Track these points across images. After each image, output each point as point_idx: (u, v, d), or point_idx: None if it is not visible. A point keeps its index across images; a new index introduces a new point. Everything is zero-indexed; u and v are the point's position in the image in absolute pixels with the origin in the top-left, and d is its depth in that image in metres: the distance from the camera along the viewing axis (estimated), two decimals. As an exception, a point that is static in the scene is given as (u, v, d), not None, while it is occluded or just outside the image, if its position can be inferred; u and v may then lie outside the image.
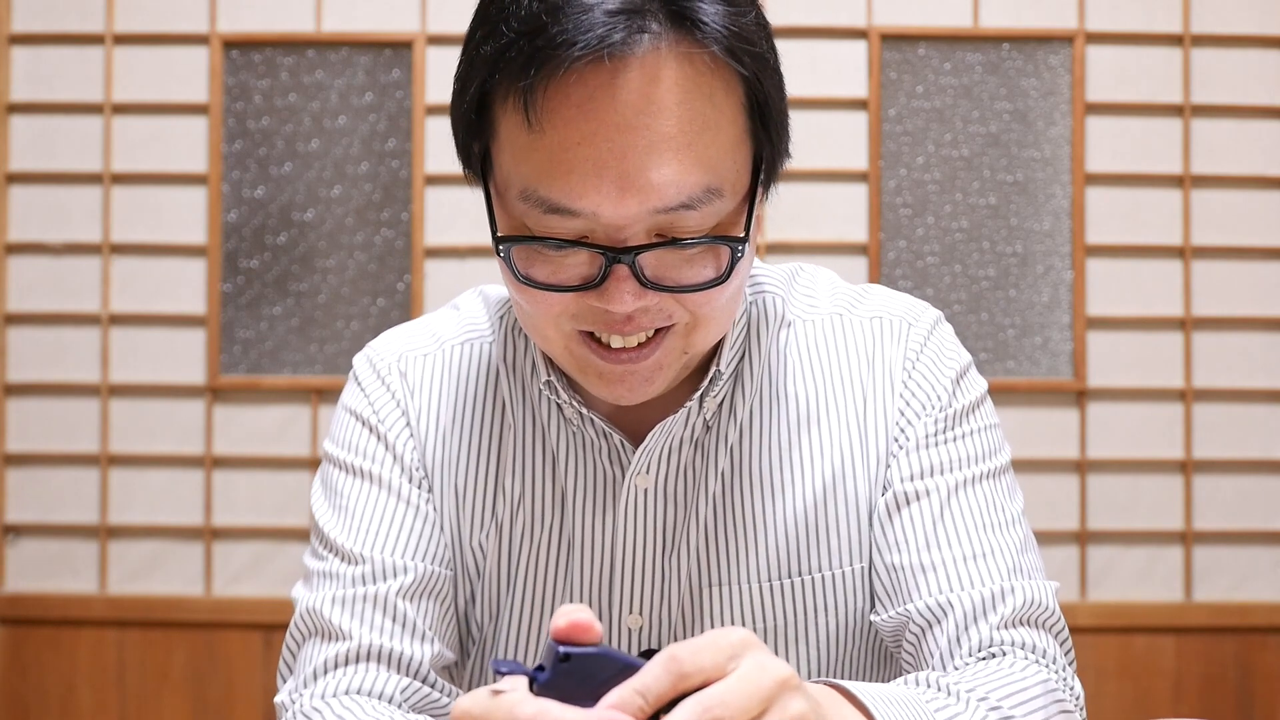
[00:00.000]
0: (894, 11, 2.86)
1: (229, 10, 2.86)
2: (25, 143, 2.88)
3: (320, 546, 1.04)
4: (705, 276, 0.89)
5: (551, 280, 0.90)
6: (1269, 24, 2.85)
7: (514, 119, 0.88)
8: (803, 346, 1.06)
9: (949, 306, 2.82)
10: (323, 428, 2.84)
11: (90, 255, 2.87)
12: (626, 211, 0.86)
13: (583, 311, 0.91)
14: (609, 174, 0.85)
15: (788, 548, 1.02)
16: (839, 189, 2.84)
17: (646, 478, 1.02)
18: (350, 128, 2.87)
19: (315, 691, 0.97)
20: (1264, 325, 2.85)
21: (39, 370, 2.87)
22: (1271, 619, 2.80)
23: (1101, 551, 2.82)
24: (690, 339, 0.93)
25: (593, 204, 0.86)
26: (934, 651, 0.95)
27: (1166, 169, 2.85)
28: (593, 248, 0.87)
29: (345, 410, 1.09)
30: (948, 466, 1.01)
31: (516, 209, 0.91)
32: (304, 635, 1.01)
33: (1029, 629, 0.95)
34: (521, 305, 0.94)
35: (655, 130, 0.85)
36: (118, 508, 2.85)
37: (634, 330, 0.90)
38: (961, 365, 1.05)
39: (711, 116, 0.87)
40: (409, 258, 2.85)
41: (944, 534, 0.98)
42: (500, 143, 0.91)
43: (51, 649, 2.84)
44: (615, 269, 0.87)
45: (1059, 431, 2.83)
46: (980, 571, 0.96)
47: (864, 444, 1.03)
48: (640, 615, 1.03)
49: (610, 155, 0.85)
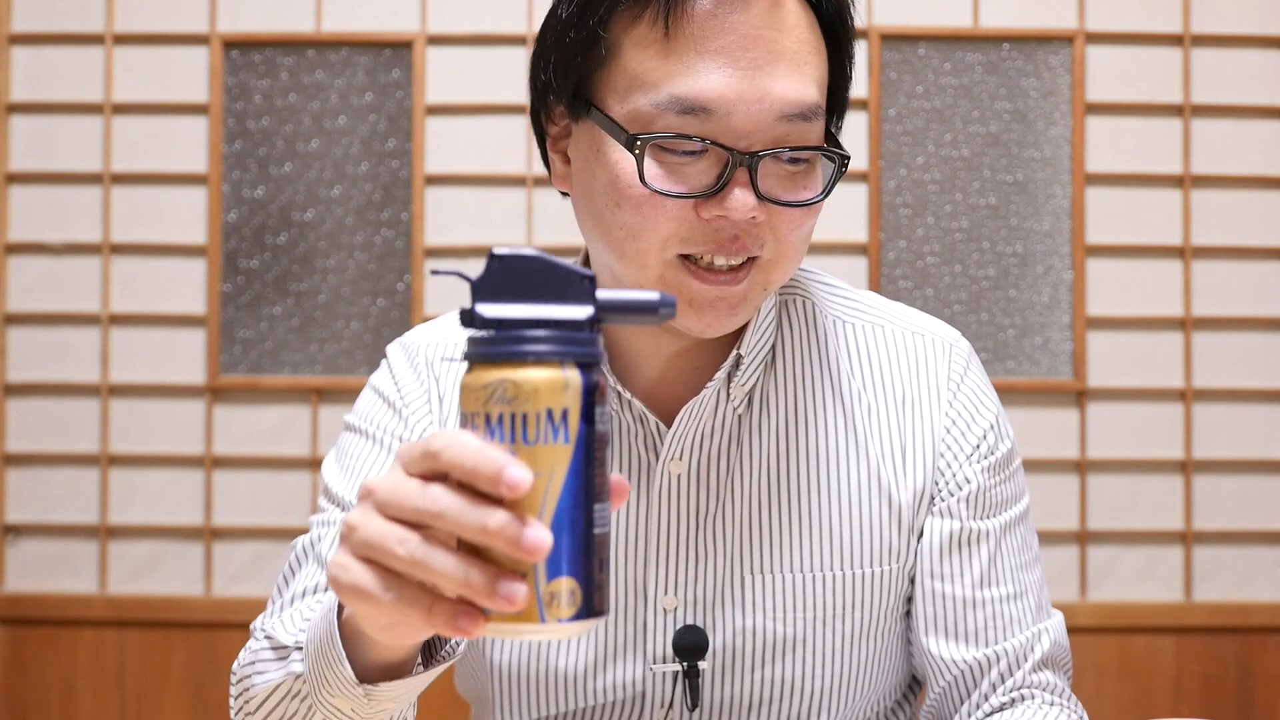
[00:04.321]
0: (894, 11, 2.86)
1: (229, 10, 2.86)
2: (25, 143, 2.88)
3: (324, 500, 1.10)
4: (806, 196, 0.97)
5: (672, 188, 0.94)
6: (1269, 24, 2.85)
7: (646, 31, 0.95)
8: (852, 345, 1.11)
9: (949, 306, 2.82)
10: (323, 428, 2.84)
11: (90, 255, 2.87)
12: (755, 111, 0.93)
13: (694, 232, 0.95)
14: (740, 75, 0.93)
15: (830, 540, 1.05)
16: (839, 189, 2.83)
17: (679, 463, 1.05)
18: (350, 128, 2.87)
19: (287, 614, 1.01)
20: (1264, 325, 2.85)
21: (39, 370, 2.87)
22: (1271, 619, 2.80)
23: (1101, 551, 2.82)
24: (770, 274, 0.99)
25: (726, 103, 0.93)
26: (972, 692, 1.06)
27: (1166, 169, 2.85)
28: (721, 147, 0.93)
29: (371, 388, 1.14)
30: (1000, 508, 1.09)
31: (645, 114, 0.95)
32: (294, 569, 1.07)
33: (1050, 671, 1.07)
34: (630, 226, 0.96)
35: (780, 44, 0.94)
36: (118, 508, 2.85)
37: (739, 251, 0.96)
38: (998, 403, 1.13)
39: (816, 45, 0.98)
40: (409, 258, 2.85)
41: (995, 573, 1.07)
42: (623, 58, 0.96)
43: (51, 649, 2.84)
44: (737, 174, 0.93)
45: (1059, 431, 2.83)
46: (1017, 612, 1.07)
47: (906, 450, 1.07)
48: (675, 596, 1.05)
49: (742, 59, 0.93)
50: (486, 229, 2.85)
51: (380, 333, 2.85)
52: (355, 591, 0.68)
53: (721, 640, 1.05)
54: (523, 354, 0.65)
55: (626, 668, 1.06)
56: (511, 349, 0.66)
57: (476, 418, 0.66)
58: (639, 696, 1.06)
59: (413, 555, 0.65)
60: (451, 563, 0.65)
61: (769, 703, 1.06)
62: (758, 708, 1.06)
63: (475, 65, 2.86)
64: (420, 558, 0.65)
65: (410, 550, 0.66)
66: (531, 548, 0.63)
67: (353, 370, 2.84)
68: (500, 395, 0.65)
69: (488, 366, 0.66)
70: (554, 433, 0.65)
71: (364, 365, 2.85)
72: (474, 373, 0.67)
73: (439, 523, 0.65)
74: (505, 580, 0.64)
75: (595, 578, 0.66)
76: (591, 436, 0.66)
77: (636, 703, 1.07)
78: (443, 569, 0.65)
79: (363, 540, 0.67)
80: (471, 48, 2.86)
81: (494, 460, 0.63)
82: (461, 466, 0.64)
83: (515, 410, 0.65)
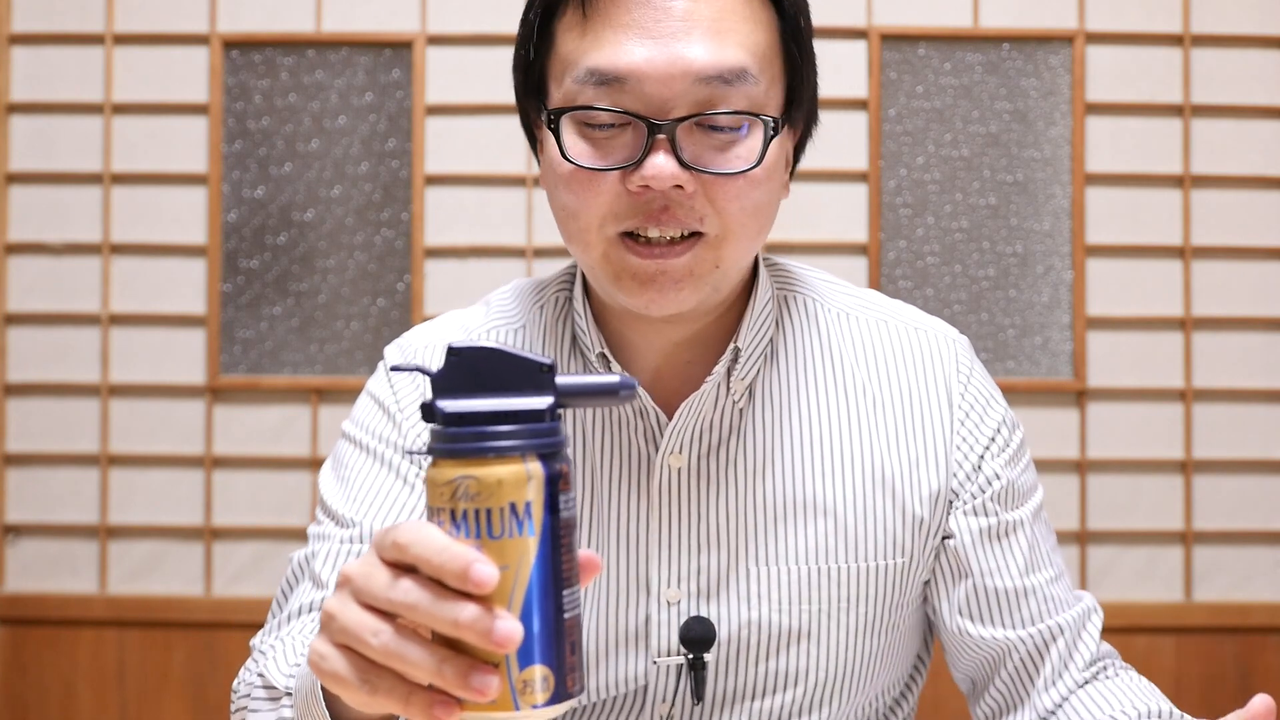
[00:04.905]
0: (894, 11, 2.86)
1: (229, 10, 2.86)
2: (25, 143, 2.88)
3: (321, 513, 1.10)
4: (739, 165, 0.96)
5: (596, 163, 0.96)
6: (1269, 24, 2.85)
7: (570, 15, 0.98)
8: (855, 337, 1.11)
9: (949, 306, 2.82)
10: (323, 428, 2.84)
11: (90, 255, 2.87)
12: (667, 77, 0.94)
13: (624, 206, 0.96)
14: (653, 44, 0.94)
15: (834, 532, 1.06)
16: (839, 189, 2.84)
17: (679, 457, 1.05)
18: (350, 128, 2.87)
19: (283, 632, 1.02)
20: (1264, 325, 2.85)
21: (39, 370, 2.87)
22: (1271, 619, 2.80)
23: (1101, 551, 2.82)
24: (720, 251, 0.99)
25: (638, 71, 0.94)
26: (1051, 663, 1.09)
27: (1166, 169, 2.85)
28: (636, 117, 0.94)
29: (368, 394, 1.15)
30: (1025, 496, 1.12)
31: (569, 92, 0.97)
32: (291, 585, 1.08)
33: (1105, 642, 1.14)
34: (569, 206, 0.98)
35: (695, 13, 0.95)
36: (118, 508, 2.85)
37: (670, 222, 0.96)
38: (1003, 397, 1.15)
39: (746, 14, 0.97)
40: (409, 258, 2.85)
41: (1037, 559, 1.11)
42: (557, 47, 0.99)
43: (51, 649, 2.84)
44: (656, 141, 0.94)
45: (1059, 431, 2.83)
46: (1062, 591, 1.11)
47: (913, 444, 1.08)
48: (679, 588, 1.06)
49: (655, 28, 0.95)
50: (486, 229, 2.85)
51: (380, 333, 2.85)
52: (334, 680, 0.69)
53: (726, 632, 1.05)
54: (483, 450, 0.66)
55: (629, 662, 1.06)
56: (472, 445, 0.66)
57: (442, 513, 0.67)
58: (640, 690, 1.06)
59: (386, 647, 0.67)
60: (424, 655, 0.66)
61: (772, 694, 1.06)
62: (760, 699, 1.06)
63: (475, 65, 2.86)
64: (394, 649, 0.67)
65: (384, 642, 0.67)
66: (503, 640, 0.64)
67: (353, 370, 2.84)
68: (464, 491, 0.66)
69: (450, 463, 0.67)
70: (518, 526, 0.66)
71: (364, 365, 2.85)
72: (437, 468, 0.67)
73: (411, 614, 0.66)
74: (477, 673, 0.65)
75: (567, 661, 0.68)
76: (557, 525, 0.67)
77: (638, 697, 1.07)
78: (415, 661, 0.66)
79: (340, 629, 0.68)
80: (471, 48, 2.86)
81: (460, 558, 0.64)
82: (429, 563, 0.66)
83: (479, 506, 0.66)
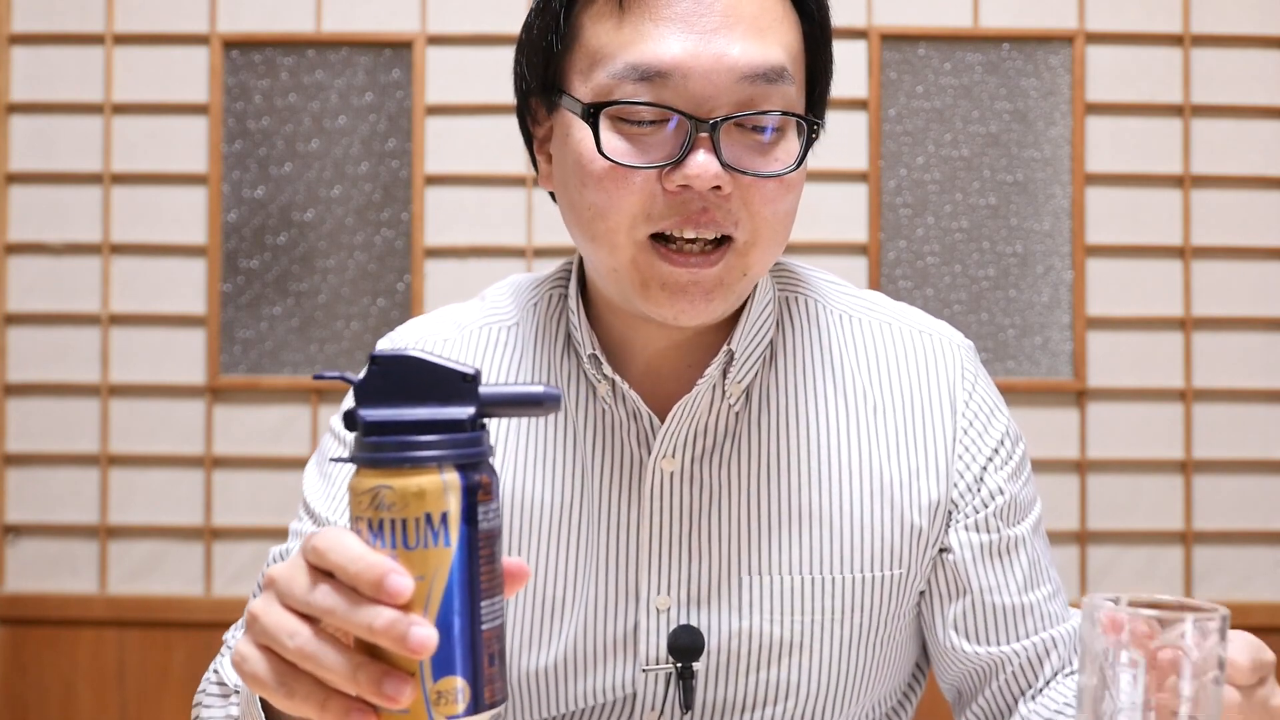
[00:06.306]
0: (894, 11, 2.86)
1: (229, 10, 2.86)
2: (25, 143, 2.88)
3: (301, 509, 1.10)
4: (777, 167, 0.94)
5: (633, 160, 0.93)
6: (1269, 24, 2.85)
7: (602, 6, 0.95)
8: (858, 341, 1.08)
9: (949, 306, 2.82)
10: (323, 428, 2.83)
11: (90, 255, 2.87)
12: (712, 73, 0.92)
13: (660, 206, 0.93)
14: (696, 39, 0.92)
15: (830, 542, 1.03)
16: (839, 189, 2.84)
17: (672, 461, 1.03)
18: (350, 128, 2.87)
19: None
20: (1264, 325, 2.85)
21: (39, 370, 2.87)
22: (1271, 619, 2.80)
23: (1101, 551, 2.82)
24: (748, 258, 0.96)
25: (682, 66, 0.91)
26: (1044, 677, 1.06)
27: (1166, 169, 2.85)
28: (681, 114, 0.91)
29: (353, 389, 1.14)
30: (1025, 511, 1.08)
31: (603, 86, 0.94)
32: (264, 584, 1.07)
33: None
34: (596, 205, 0.95)
35: (737, 9, 0.93)
36: (118, 508, 2.85)
37: (708, 224, 0.93)
38: (1006, 406, 1.12)
39: (781, 14, 0.96)
40: (409, 258, 2.85)
41: (1036, 576, 1.07)
42: (584, 39, 0.96)
43: (51, 649, 2.84)
44: (698, 140, 0.91)
45: (1059, 431, 2.83)
46: (1059, 607, 1.08)
47: (915, 452, 1.05)
48: (669, 596, 1.03)
49: (698, 23, 0.92)
50: (486, 229, 2.85)
51: (380, 332, 2.85)
52: (254, 681, 0.69)
53: (716, 641, 1.02)
54: (400, 460, 0.66)
55: (616, 669, 1.03)
56: (389, 455, 0.67)
57: (360, 522, 0.67)
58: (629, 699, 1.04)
59: (301, 649, 0.67)
60: (339, 660, 0.66)
61: (763, 705, 1.04)
62: (751, 710, 1.04)
63: (475, 65, 2.85)
64: (309, 652, 0.67)
65: (300, 644, 0.67)
66: (418, 646, 0.64)
67: (352, 370, 2.84)
68: (381, 501, 0.66)
69: (370, 472, 0.67)
70: (434, 537, 0.66)
71: (363, 365, 2.84)
72: (358, 477, 0.68)
73: (329, 619, 0.66)
74: (391, 680, 0.65)
75: (485, 673, 0.67)
76: (475, 536, 0.67)
77: (626, 705, 1.04)
78: (330, 665, 0.66)
79: (262, 630, 0.69)
80: (471, 48, 2.86)
81: (375, 568, 0.65)
82: (345, 571, 0.66)
83: (395, 516, 0.66)
